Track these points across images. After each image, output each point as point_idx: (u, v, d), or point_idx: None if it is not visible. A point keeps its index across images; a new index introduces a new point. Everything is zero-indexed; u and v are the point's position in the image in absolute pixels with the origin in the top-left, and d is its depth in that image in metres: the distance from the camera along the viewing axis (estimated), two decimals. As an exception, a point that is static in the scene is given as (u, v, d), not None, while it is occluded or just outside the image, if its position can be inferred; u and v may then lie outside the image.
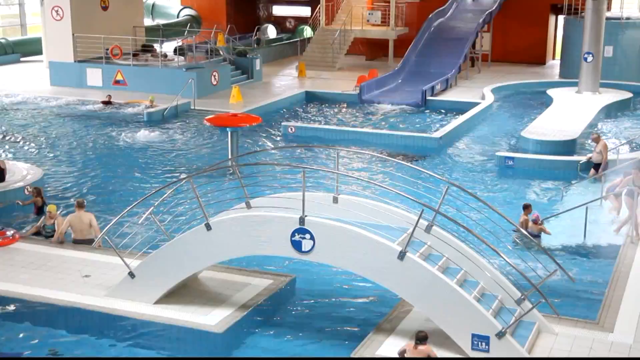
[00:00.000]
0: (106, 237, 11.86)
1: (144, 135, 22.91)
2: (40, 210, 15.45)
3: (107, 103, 26.85)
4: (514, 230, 13.59)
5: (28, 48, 37.22)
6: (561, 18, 35.35)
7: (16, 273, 12.29)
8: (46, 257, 12.94)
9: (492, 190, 17.99)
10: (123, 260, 11.45)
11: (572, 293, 12.18)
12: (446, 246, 10.52)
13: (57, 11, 30.46)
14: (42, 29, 33.98)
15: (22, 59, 36.73)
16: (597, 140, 18.72)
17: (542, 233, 14.53)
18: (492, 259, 10.83)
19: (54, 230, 13.91)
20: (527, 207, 14.76)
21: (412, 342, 9.74)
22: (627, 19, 31.85)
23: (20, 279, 12.04)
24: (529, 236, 11.58)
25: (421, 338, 9.60)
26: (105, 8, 31.82)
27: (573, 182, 18.02)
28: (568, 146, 20.96)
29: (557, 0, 34.88)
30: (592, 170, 18.36)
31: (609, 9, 31.03)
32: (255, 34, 39.20)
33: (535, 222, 14.53)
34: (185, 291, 11.63)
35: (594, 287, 12.52)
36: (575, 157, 19.79)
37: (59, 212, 14.49)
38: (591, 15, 27.55)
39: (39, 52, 35.65)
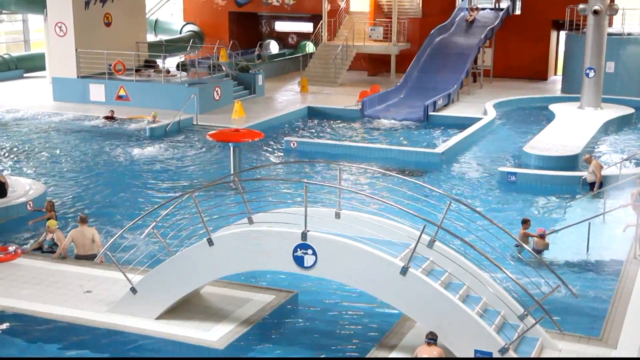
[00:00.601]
0: (108, 253, 11.85)
1: (146, 150, 22.94)
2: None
3: (109, 118, 26.92)
4: (516, 246, 13.57)
5: (31, 64, 37.40)
6: (563, 34, 35.45)
7: (18, 289, 12.27)
8: (48, 272, 12.93)
9: (494, 205, 17.97)
10: (125, 276, 11.44)
11: (575, 309, 12.13)
12: (448, 261, 10.51)
13: (60, 27, 30.61)
14: (46, 45, 34.16)
15: (25, 75, 36.91)
16: (589, 160, 18.85)
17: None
18: (494, 275, 10.80)
19: (53, 245, 13.89)
20: (525, 222, 14.76)
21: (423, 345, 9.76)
22: (629, 34, 31.93)
23: (22, 295, 12.03)
24: (532, 251, 11.55)
25: (431, 338, 9.63)
26: (108, 24, 31.98)
27: (576, 197, 18.01)
28: (570, 161, 20.94)
29: (558, 16, 34.98)
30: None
31: (610, 24, 31.09)
32: (259, 49, 39.36)
33: (542, 237, 14.50)
34: (187, 307, 11.61)
35: (597, 303, 12.48)
36: (577, 173, 19.76)
37: (67, 228, 14.46)
38: (592, 31, 27.64)
39: (42, 68, 35.83)
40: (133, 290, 11.36)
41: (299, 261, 10.42)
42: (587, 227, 14.83)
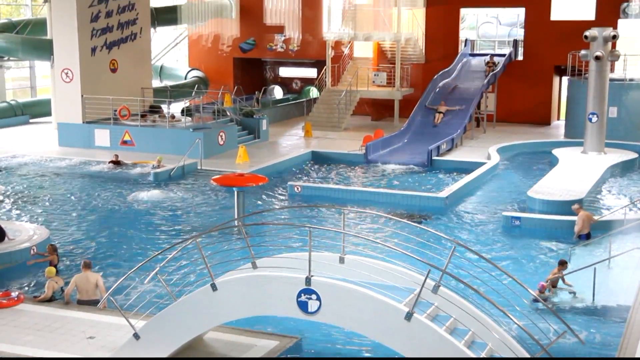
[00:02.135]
0: (111, 298, 11.80)
1: (150, 195, 22.97)
2: (55, 269, 15.30)
3: (114, 163, 27.03)
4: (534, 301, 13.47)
5: (37, 110, 37.69)
6: (565, 79, 35.69)
7: (20, 334, 12.20)
8: (50, 318, 12.86)
9: (499, 250, 17.91)
10: (128, 321, 11.37)
11: (582, 355, 11.99)
12: (453, 307, 10.43)
13: (66, 73, 30.91)
14: (52, 91, 34.47)
15: (31, 121, 37.16)
16: (577, 211, 18.79)
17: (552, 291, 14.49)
18: (500, 320, 10.71)
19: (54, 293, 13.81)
20: (563, 264, 14.80)
21: None
22: (631, 80, 32.15)
23: (24, 341, 11.95)
24: (539, 298, 11.49)
25: None
26: (114, 70, 32.30)
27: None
28: (575, 206, 20.91)
29: (560, 62, 35.27)
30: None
31: (612, 70, 31.32)
32: (262, 95, 39.63)
33: (541, 291, 14.42)
34: (190, 352, 11.51)
35: (603, 350, 12.35)
36: (582, 217, 19.71)
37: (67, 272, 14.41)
38: (595, 76, 27.86)
39: (48, 114, 36.11)
40: (136, 336, 11.28)
41: (303, 306, 10.35)
42: (593, 273, 14.75)
